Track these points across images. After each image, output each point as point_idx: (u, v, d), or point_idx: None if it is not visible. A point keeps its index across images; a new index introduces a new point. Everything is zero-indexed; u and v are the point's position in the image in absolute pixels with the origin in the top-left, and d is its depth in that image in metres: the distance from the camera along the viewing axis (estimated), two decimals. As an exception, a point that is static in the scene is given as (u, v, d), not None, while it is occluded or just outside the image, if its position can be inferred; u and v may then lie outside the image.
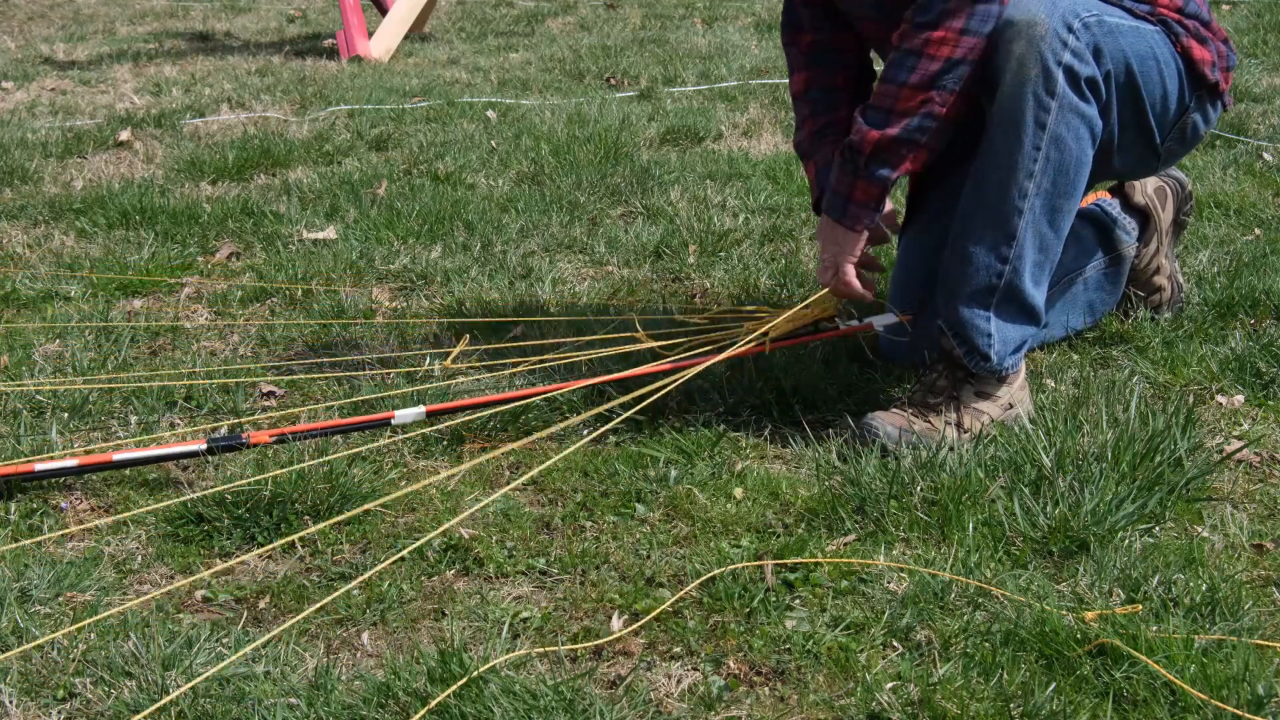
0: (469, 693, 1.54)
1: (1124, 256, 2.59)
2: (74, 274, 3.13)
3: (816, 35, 2.42)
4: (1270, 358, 2.41)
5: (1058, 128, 2.07)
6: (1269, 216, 3.31)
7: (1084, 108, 2.08)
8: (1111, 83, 2.12)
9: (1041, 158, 2.08)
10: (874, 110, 2.12)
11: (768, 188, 3.72)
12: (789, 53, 2.47)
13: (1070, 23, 2.05)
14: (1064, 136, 2.08)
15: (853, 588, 1.77)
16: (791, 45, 2.46)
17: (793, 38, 2.46)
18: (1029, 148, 2.08)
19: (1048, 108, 2.06)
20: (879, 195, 2.17)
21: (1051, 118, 2.06)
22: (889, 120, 2.10)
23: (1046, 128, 2.07)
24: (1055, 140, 2.08)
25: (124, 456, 2.09)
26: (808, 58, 2.43)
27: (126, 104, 5.29)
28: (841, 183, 2.19)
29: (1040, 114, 2.06)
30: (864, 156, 2.13)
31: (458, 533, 1.93)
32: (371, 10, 7.13)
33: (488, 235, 3.36)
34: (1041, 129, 2.07)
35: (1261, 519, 1.95)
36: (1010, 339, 2.18)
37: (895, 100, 2.09)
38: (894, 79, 2.10)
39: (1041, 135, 2.07)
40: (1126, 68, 2.13)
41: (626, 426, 2.24)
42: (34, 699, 1.58)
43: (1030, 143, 2.08)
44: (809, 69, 2.43)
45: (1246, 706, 1.49)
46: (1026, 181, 2.10)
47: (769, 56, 5.97)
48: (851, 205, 2.19)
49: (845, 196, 2.19)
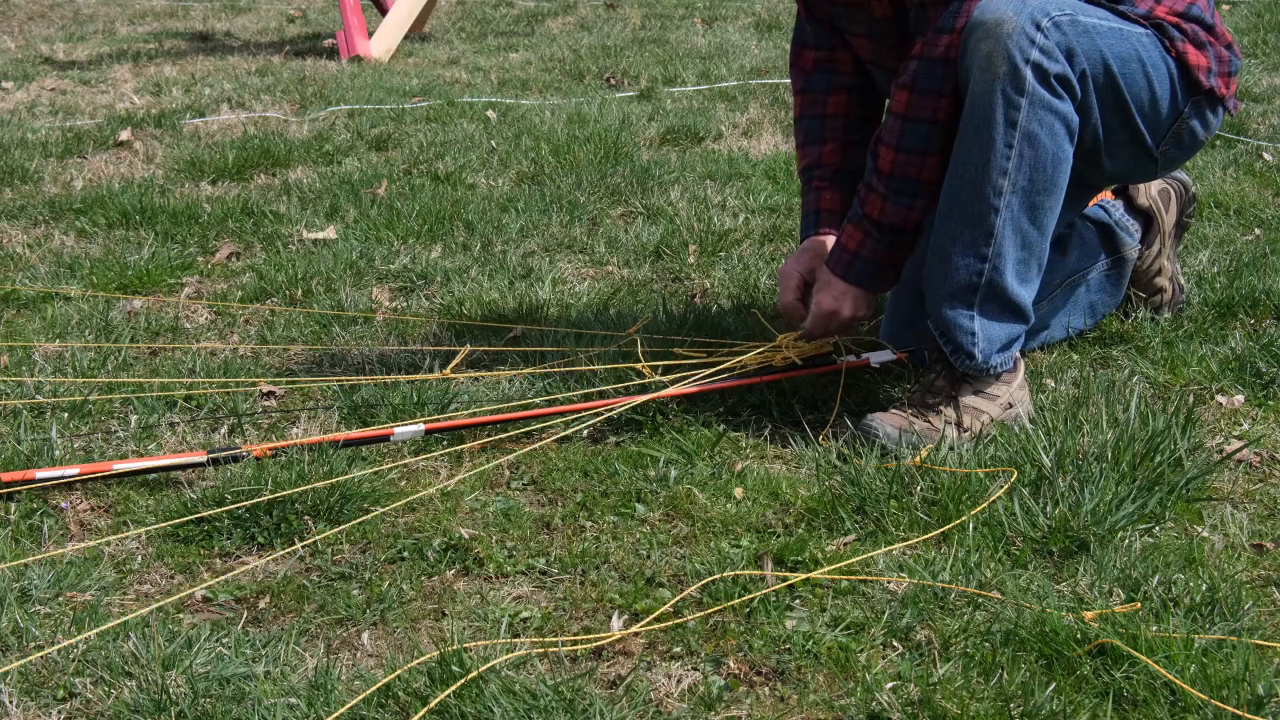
0: (469, 693, 1.54)
1: (1127, 259, 2.59)
2: (74, 274, 3.13)
3: (819, 53, 2.43)
4: (1270, 358, 2.41)
5: (1030, 125, 2.07)
6: (1269, 216, 3.31)
7: (1057, 104, 2.08)
8: (1089, 82, 2.12)
9: (1015, 155, 2.09)
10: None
11: (768, 187, 3.72)
12: (792, 73, 2.49)
13: (1039, 21, 2.05)
14: (1037, 133, 2.08)
15: (853, 587, 1.77)
16: (795, 64, 2.48)
17: (798, 54, 2.47)
18: (1001, 145, 2.08)
19: (1018, 105, 2.06)
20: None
21: (1022, 115, 2.07)
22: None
23: (1018, 125, 2.07)
24: (1028, 137, 2.08)
25: (124, 466, 2.10)
26: (806, 79, 2.45)
27: (126, 104, 5.29)
28: (875, 253, 2.23)
29: (1010, 112, 2.07)
30: (906, 234, 2.21)
31: (458, 533, 1.94)
32: (371, 10, 7.13)
33: (488, 235, 3.36)
34: (1013, 127, 2.07)
35: (1261, 519, 1.95)
36: (996, 337, 2.18)
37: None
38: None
39: (1013, 133, 2.08)
40: (1105, 68, 2.13)
41: (627, 426, 2.25)
42: (34, 699, 1.58)
43: (1002, 140, 2.08)
44: (803, 93, 2.46)
45: (1246, 706, 1.49)
46: (1001, 179, 2.10)
47: (769, 56, 5.98)
48: (887, 270, 2.26)
49: (876, 264, 2.25)
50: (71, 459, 2.16)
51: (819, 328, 2.31)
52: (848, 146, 2.41)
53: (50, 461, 2.15)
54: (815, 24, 2.43)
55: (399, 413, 2.31)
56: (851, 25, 2.33)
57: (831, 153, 2.41)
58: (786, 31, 6.69)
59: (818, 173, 2.42)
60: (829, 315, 2.29)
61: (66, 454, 2.18)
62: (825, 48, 2.42)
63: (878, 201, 2.19)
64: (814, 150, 2.42)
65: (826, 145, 2.41)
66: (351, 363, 2.58)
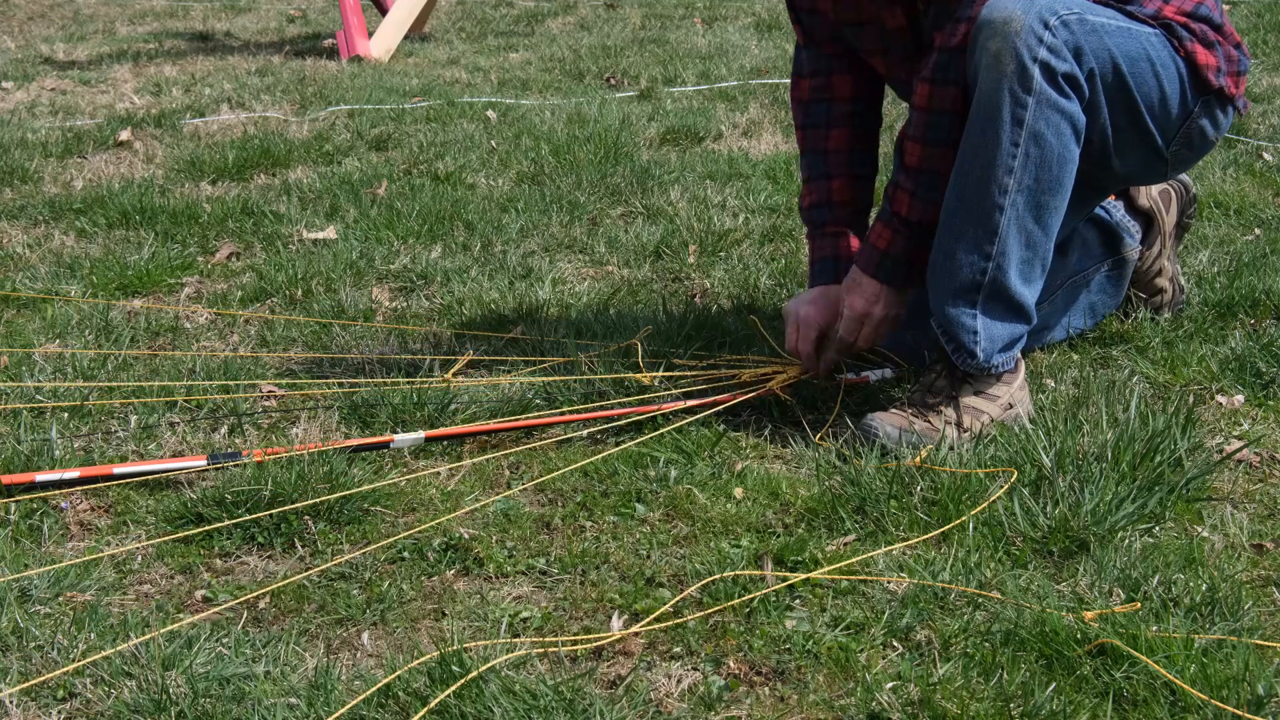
0: (469, 693, 1.54)
1: (1127, 259, 2.59)
2: (74, 274, 3.13)
3: (815, 80, 2.42)
4: (1270, 358, 2.41)
5: (1036, 124, 2.07)
6: (1269, 216, 3.31)
7: (1064, 103, 2.08)
8: (1097, 81, 2.12)
9: (1021, 154, 2.08)
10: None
11: (768, 187, 3.72)
12: (792, 109, 2.48)
13: (1047, 19, 2.05)
14: (1043, 132, 2.08)
15: (853, 587, 1.77)
16: (793, 97, 2.47)
17: (795, 86, 2.47)
18: (1007, 144, 2.08)
19: (1024, 104, 2.06)
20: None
21: (1029, 114, 2.07)
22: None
23: (1024, 124, 2.07)
24: (1034, 136, 2.08)
25: (125, 470, 2.10)
26: (805, 112, 2.44)
27: (126, 104, 5.29)
28: (905, 250, 2.22)
29: (1017, 110, 2.07)
30: (932, 230, 2.18)
31: (458, 532, 1.94)
32: (371, 10, 7.13)
33: (488, 235, 3.36)
34: (1019, 125, 2.07)
35: (1261, 519, 1.95)
36: (998, 337, 2.18)
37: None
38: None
39: (1020, 131, 2.07)
40: (1114, 67, 2.13)
41: (627, 427, 2.25)
42: (34, 699, 1.58)
43: (1008, 139, 2.08)
44: (804, 129, 2.44)
45: (1246, 706, 1.49)
46: (1006, 178, 2.10)
47: (769, 56, 5.98)
48: (916, 268, 2.24)
49: (907, 262, 2.23)
50: (71, 460, 2.16)
51: (852, 332, 2.28)
52: (855, 181, 2.41)
53: (50, 462, 2.15)
54: (811, 47, 2.42)
55: (399, 413, 2.31)
56: (865, 43, 2.32)
57: (841, 189, 2.39)
58: (786, 31, 6.69)
59: (831, 215, 2.39)
60: (862, 317, 2.26)
61: (66, 455, 2.18)
62: (823, 73, 2.41)
63: (905, 198, 2.19)
64: (822, 187, 2.40)
65: (835, 182, 2.39)
66: (351, 363, 2.58)
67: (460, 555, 1.89)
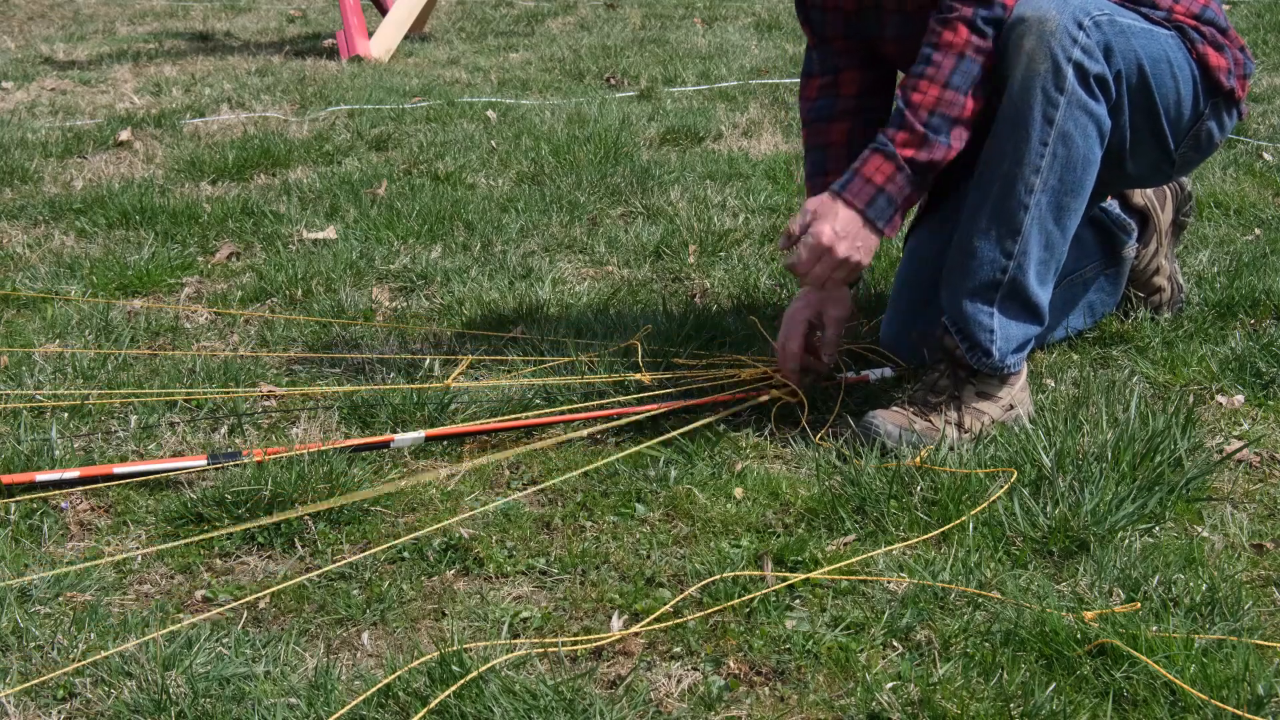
0: (469, 693, 1.54)
1: (1124, 258, 2.59)
2: (74, 274, 3.13)
3: (823, 79, 2.41)
4: (1270, 358, 2.41)
5: (1066, 124, 2.07)
6: (1269, 216, 3.31)
7: (1093, 105, 2.08)
8: (1123, 83, 2.12)
9: (1049, 154, 2.08)
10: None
11: (768, 187, 3.72)
12: (800, 108, 2.47)
13: (1081, 20, 2.05)
14: (1072, 133, 2.08)
15: (853, 587, 1.77)
16: (801, 96, 2.46)
17: (804, 85, 2.46)
18: (1036, 143, 2.08)
19: (1056, 104, 2.06)
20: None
21: (1060, 114, 2.06)
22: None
23: (1055, 124, 2.07)
24: (1063, 136, 2.08)
25: (125, 469, 2.10)
26: (811, 108, 2.42)
27: (126, 104, 5.29)
28: (901, 190, 2.09)
29: (1049, 110, 2.06)
30: (931, 175, 2.10)
31: (458, 532, 1.94)
32: (371, 10, 7.13)
33: (488, 235, 3.36)
34: (1050, 124, 2.07)
35: (1261, 519, 1.95)
36: (1013, 336, 2.18)
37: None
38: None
39: (1049, 131, 2.07)
40: (1139, 68, 2.13)
41: (627, 427, 2.25)
42: (34, 699, 1.58)
43: (1038, 138, 2.07)
44: (808, 125, 2.43)
45: (1246, 706, 1.49)
46: (1033, 177, 2.09)
47: (769, 56, 5.98)
48: (900, 215, 2.12)
49: (899, 203, 2.11)
50: (71, 460, 2.16)
51: (808, 263, 2.11)
52: None
53: (50, 462, 2.15)
54: (822, 47, 2.42)
55: (399, 413, 2.31)
56: (881, 30, 2.30)
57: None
58: (786, 31, 6.69)
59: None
60: (822, 250, 2.09)
61: (66, 454, 2.18)
62: (831, 71, 2.40)
63: (908, 137, 2.07)
64: (819, 185, 2.37)
65: (830, 179, 2.37)
66: (351, 364, 2.58)
67: (460, 555, 1.89)
